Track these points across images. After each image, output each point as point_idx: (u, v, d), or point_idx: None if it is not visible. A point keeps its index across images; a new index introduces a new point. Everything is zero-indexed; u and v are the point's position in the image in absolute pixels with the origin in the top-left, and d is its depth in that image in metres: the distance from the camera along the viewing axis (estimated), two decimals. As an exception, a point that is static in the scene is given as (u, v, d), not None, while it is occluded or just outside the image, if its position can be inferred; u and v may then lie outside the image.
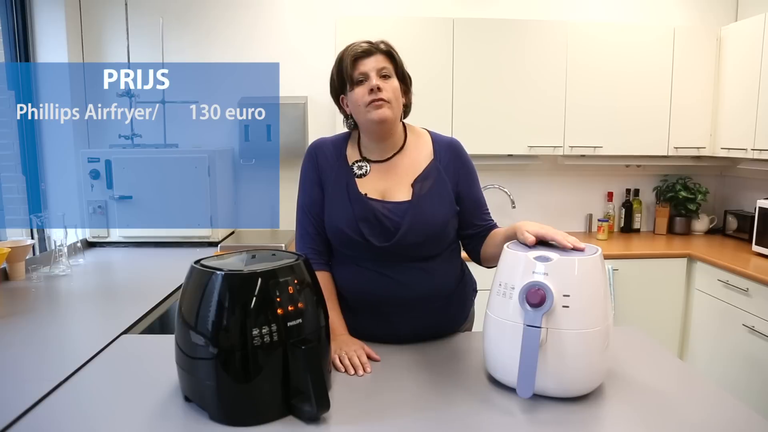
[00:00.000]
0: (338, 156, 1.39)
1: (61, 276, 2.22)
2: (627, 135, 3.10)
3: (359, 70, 1.29)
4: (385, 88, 1.28)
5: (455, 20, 2.96)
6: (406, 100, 1.38)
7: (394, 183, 1.35)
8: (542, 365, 1.03)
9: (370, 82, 1.27)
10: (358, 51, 1.29)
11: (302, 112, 3.05)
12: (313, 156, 1.40)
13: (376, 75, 1.28)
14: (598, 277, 1.07)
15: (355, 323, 1.37)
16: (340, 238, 1.34)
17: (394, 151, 1.38)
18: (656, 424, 1.01)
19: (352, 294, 1.37)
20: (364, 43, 1.31)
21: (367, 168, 1.37)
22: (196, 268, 1.05)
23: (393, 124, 1.34)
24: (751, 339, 2.49)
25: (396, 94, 1.31)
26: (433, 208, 1.33)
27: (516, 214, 3.40)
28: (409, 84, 1.39)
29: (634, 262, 2.93)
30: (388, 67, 1.30)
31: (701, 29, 3.14)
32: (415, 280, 1.32)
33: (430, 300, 1.35)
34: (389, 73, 1.30)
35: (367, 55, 1.29)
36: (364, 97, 1.28)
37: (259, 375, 0.99)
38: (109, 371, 1.28)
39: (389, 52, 1.32)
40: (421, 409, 1.07)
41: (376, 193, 1.34)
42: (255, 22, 3.17)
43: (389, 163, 1.37)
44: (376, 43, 1.32)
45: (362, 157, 1.39)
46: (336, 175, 1.36)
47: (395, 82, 1.32)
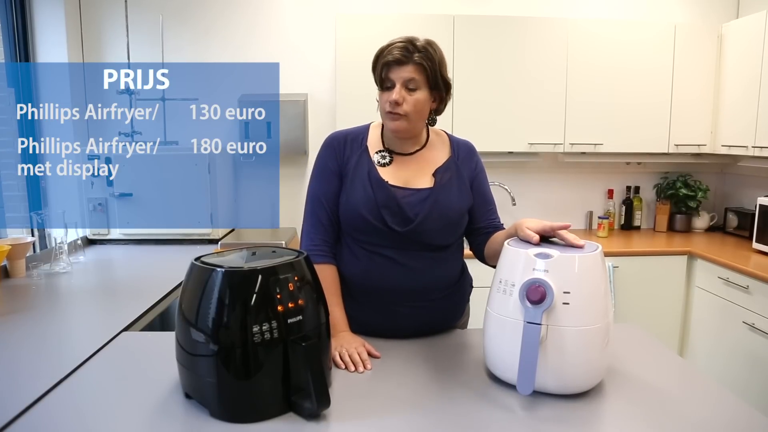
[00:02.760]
0: (359, 146, 1.40)
1: (61, 273, 2.22)
2: (627, 132, 3.10)
3: (388, 76, 1.30)
4: (407, 101, 1.29)
5: (455, 17, 2.96)
6: (437, 105, 1.37)
7: (415, 173, 1.38)
8: (542, 362, 1.03)
9: (392, 94, 1.28)
10: (390, 59, 1.28)
11: (302, 109, 3.05)
12: (332, 146, 1.41)
13: (401, 86, 1.28)
14: (599, 274, 1.07)
15: (359, 315, 1.37)
16: (359, 224, 1.34)
17: (416, 148, 1.41)
18: (656, 421, 1.01)
19: (359, 281, 1.37)
20: (399, 49, 1.28)
21: (390, 158, 1.40)
22: (196, 265, 1.05)
23: (409, 133, 1.36)
24: (751, 336, 2.49)
25: (418, 107, 1.30)
26: (452, 197, 1.36)
27: (516, 212, 3.40)
28: (445, 90, 1.36)
29: (635, 259, 2.93)
30: (416, 79, 1.28)
31: (702, 26, 3.13)
32: (425, 268, 1.34)
33: (435, 290, 1.37)
34: (417, 86, 1.29)
35: (399, 64, 1.28)
36: (385, 104, 1.31)
37: (259, 372, 0.99)
38: (110, 368, 1.28)
39: (422, 63, 1.28)
40: (421, 405, 1.07)
41: (399, 180, 1.37)
42: (255, 18, 3.17)
43: (412, 156, 1.40)
44: (413, 52, 1.28)
45: (385, 148, 1.41)
46: (357, 163, 1.38)
47: (421, 94, 1.30)
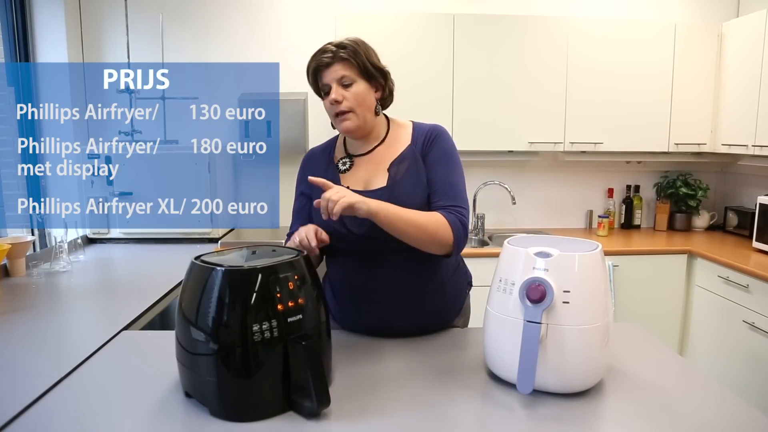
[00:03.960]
0: (327, 159, 1.44)
1: (61, 272, 2.22)
2: (627, 131, 3.10)
3: (323, 81, 1.34)
4: (346, 97, 1.31)
5: (456, 16, 2.96)
6: (381, 93, 1.38)
7: (374, 172, 1.37)
8: (542, 361, 1.03)
9: (330, 95, 1.32)
10: (319, 64, 1.32)
11: (302, 108, 3.05)
12: (304, 166, 1.47)
13: (336, 85, 1.31)
14: (599, 273, 1.07)
15: (353, 318, 1.39)
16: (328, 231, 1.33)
17: (374, 144, 1.40)
18: (656, 419, 1.01)
19: (346, 288, 1.39)
20: (325, 53, 1.31)
21: (350, 163, 1.41)
22: (196, 264, 1.05)
23: (363, 129, 1.37)
24: (751, 335, 2.49)
25: (359, 99, 1.32)
26: (408, 191, 1.32)
27: (516, 211, 3.41)
28: (381, 77, 1.36)
29: (635, 258, 2.92)
30: (347, 75, 1.31)
31: (702, 25, 3.13)
32: (404, 266, 1.33)
33: (422, 289, 1.36)
34: (350, 80, 1.32)
35: (327, 66, 1.32)
36: (329, 109, 1.34)
37: (259, 371, 0.99)
38: (110, 367, 1.28)
39: (349, 59, 1.31)
40: (421, 404, 1.07)
41: (359, 184, 1.36)
42: (254, 18, 3.17)
43: (371, 154, 1.40)
44: (338, 51, 1.31)
45: (347, 154, 1.43)
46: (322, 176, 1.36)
47: (358, 86, 1.32)
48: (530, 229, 3.42)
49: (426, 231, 1.24)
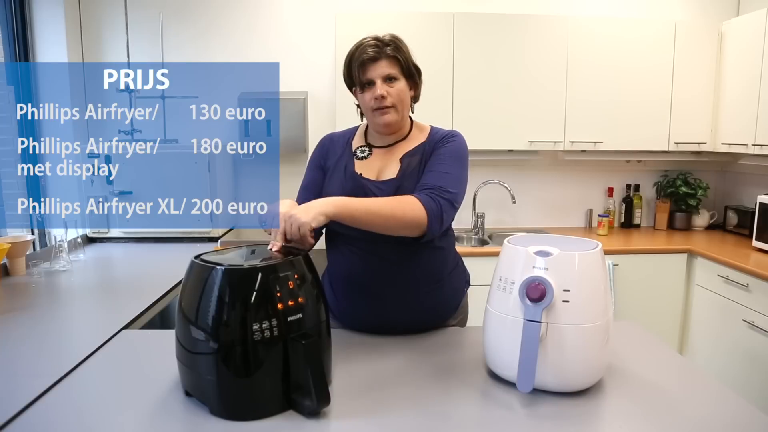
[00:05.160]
0: (345, 144, 1.46)
1: (61, 271, 2.22)
2: (627, 130, 3.10)
3: (366, 75, 1.34)
4: (391, 93, 1.34)
5: (455, 15, 2.95)
6: (415, 92, 1.43)
7: (389, 164, 1.39)
8: (542, 360, 1.03)
9: (375, 90, 1.32)
10: (365, 58, 1.32)
11: (302, 107, 3.05)
12: (322, 144, 1.49)
13: (381, 82, 1.33)
14: (599, 272, 1.07)
15: (350, 312, 1.40)
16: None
17: (398, 139, 1.43)
18: (656, 418, 1.01)
19: (346, 276, 1.39)
20: (370, 47, 1.33)
21: (369, 152, 1.43)
22: (196, 263, 1.05)
23: (399, 124, 1.40)
24: (751, 334, 2.49)
25: (401, 96, 1.36)
26: (415, 184, 1.33)
27: (516, 210, 3.41)
28: (417, 77, 1.42)
29: (635, 257, 2.92)
30: (393, 72, 1.34)
31: (702, 24, 3.13)
32: (405, 260, 1.34)
33: (420, 284, 1.36)
34: (395, 77, 1.35)
35: (373, 61, 1.33)
36: (370, 102, 1.35)
37: (259, 370, 0.99)
38: (110, 366, 1.28)
39: (395, 56, 1.34)
40: (421, 403, 1.07)
41: (372, 173, 1.39)
42: (254, 17, 3.17)
43: (391, 148, 1.42)
44: (383, 47, 1.33)
45: (366, 143, 1.45)
46: (339, 159, 1.43)
47: (401, 83, 1.36)
48: (530, 228, 3.42)
49: (393, 216, 1.21)
